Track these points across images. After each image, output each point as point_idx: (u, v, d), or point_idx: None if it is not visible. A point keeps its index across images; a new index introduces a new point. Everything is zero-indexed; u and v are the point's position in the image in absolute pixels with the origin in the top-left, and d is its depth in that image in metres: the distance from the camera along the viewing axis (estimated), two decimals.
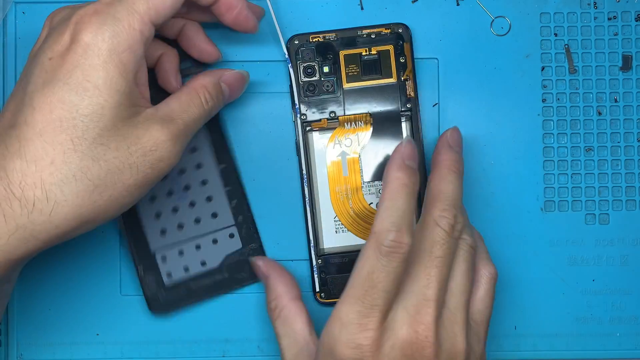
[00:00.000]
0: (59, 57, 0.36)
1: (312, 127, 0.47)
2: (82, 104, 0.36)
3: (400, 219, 0.38)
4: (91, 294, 0.48)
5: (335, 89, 0.47)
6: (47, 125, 0.35)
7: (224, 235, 0.47)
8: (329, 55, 0.47)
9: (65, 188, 0.35)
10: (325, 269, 0.47)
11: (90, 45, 0.36)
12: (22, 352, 0.48)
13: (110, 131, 0.36)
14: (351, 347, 0.38)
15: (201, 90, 0.41)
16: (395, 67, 0.47)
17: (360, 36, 0.47)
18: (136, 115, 0.38)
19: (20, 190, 0.35)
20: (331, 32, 0.47)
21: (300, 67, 0.47)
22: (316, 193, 0.47)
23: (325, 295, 0.47)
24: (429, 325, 0.38)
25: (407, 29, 0.47)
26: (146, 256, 0.46)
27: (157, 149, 0.38)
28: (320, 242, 0.47)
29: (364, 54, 0.47)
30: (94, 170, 0.36)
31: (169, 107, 0.40)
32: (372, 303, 0.38)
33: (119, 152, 0.37)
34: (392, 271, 0.38)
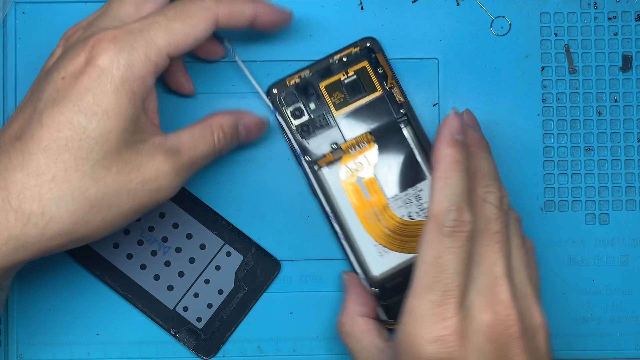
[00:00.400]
0: (71, 77, 0.37)
1: (320, 165, 0.47)
2: (90, 127, 0.36)
3: (459, 197, 0.37)
4: (91, 294, 0.48)
5: (328, 121, 0.47)
6: (52, 143, 0.36)
7: (222, 257, 0.47)
8: (310, 91, 0.47)
9: (61, 205, 0.36)
10: (384, 295, 0.46)
11: (104, 71, 0.36)
12: (22, 352, 0.48)
13: (114, 155, 0.37)
14: (432, 341, 0.36)
15: (217, 128, 0.41)
16: (377, 80, 0.47)
17: (333, 63, 0.47)
18: (142, 142, 0.38)
19: (18, 202, 0.35)
20: (304, 70, 0.47)
21: (287, 112, 0.46)
22: (347, 226, 0.47)
23: (395, 320, 0.46)
24: (508, 302, 0.37)
25: (374, 40, 0.47)
26: (170, 317, 0.47)
27: (158, 179, 0.38)
28: (369, 272, 0.46)
29: (343, 79, 0.47)
30: (92, 191, 0.36)
31: (179, 138, 0.39)
32: (445, 289, 0.36)
33: (119, 176, 0.37)
34: (460, 251, 0.37)
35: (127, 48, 0.37)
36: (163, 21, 0.38)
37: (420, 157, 0.47)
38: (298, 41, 0.48)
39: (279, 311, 0.48)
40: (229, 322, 0.48)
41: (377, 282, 0.46)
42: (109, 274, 0.47)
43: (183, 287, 0.47)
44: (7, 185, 0.35)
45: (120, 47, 0.36)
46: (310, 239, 0.48)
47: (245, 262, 0.48)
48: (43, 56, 0.47)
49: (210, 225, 0.48)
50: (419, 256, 0.38)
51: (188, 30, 0.38)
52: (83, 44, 0.37)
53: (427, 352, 0.36)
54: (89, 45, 0.37)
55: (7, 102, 0.47)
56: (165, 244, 0.48)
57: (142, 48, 0.37)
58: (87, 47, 0.37)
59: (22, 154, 0.36)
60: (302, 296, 0.48)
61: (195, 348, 0.47)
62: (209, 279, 0.48)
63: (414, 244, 0.46)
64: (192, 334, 0.47)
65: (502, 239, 0.38)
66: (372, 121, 0.47)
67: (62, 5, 0.47)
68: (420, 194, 0.46)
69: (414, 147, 0.47)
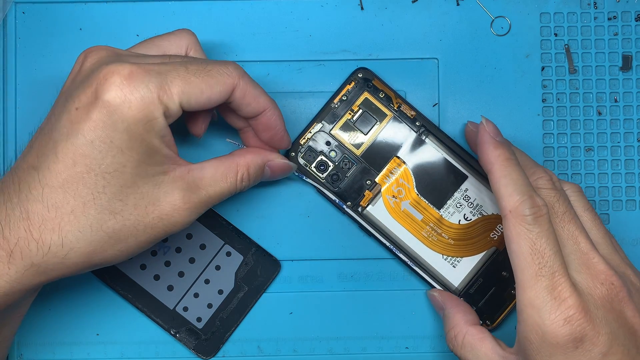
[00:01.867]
0: (84, 109, 0.36)
1: (363, 206, 0.47)
2: (105, 162, 0.36)
3: (525, 187, 0.39)
4: (91, 294, 0.48)
5: (353, 162, 0.47)
6: (70, 177, 0.36)
7: (222, 257, 0.47)
8: (326, 142, 0.47)
9: (80, 237, 0.37)
10: (472, 301, 0.47)
11: (116, 109, 0.36)
12: (22, 352, 0.48)
13: (130, 188, 0.37)
14: (563, 324, 0.38)
15: (242, 168, 0.41)
16: (383, 105, 0.47)
17: (335, 107, 0.47)
18: (161, 174, 0.38)
19: (39, 234, 0.36)
20: (312, 125, 0.47)
21: (312, 169, 0.47)
22: (412, 252, 0.47)
23: (490, 321, 0.47)
24: (606, 271, 0.39)
25: (366, 69, 0.47)
26: (170, 317, 0.47)
27: (174, 214, 0.38)
28: (450, 286, 0.47)
29: (350, 117, 0.47)
30: (110, 223, 0.37)
31: (202, 173, 0.39)
32: (552, 271, 0.38)
33: (136, 210, 0.37)
34: (549, 233, 0.39)
35: (142, 88, 0.36)
36: (183, 71, 0.38)
37: (453, 159, 0.47)
38: (298, 41, 0.48)
39: (279, 311, 0.48)
40: (229, 322, 0.48)
41: (460, 292, 0.47)
42: (109, 274, 0.47)
43: (183, 287, 0.48)
44: (29, 216, 0.36)
45: (134, 87, 0.36)
46: (310, 239, 0.48)
47: (245, 262, 0.48)
48: (43, 56, 0.47)
49: (210, 225, 0.48)
50: (513, 252, 0.39)
51: (204, 88, 0.38)
52: (97, 73, 0.37)
53: (562, 335, 0.38)
54: (101, 76, 0.36)
55: (7, 102, 0.47)
56: (165, 244, 0.48)
57: (155, 90, 0.36)
58: (99, 78, 0.36)
59: (41, 186, 0.36)
60: (302, 296, 0.48)
61: (195, 348, 0.47)
62: (209, 279, 0.48)
63: (481, 243, 0.47)
64: (192, 334, 0.47)
65: (571, 216, 0.41)
66: (395, 144, 0.47)
67: (62, 5, 0.47)
68: (468, 194, 0.47)
69: (444, 153, 0.47)
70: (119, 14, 0.48)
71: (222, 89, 0.39)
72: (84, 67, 0.38)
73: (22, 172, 0.37)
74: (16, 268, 0.36)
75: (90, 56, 0.39)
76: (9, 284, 0.36)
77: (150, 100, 0.36)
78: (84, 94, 0.36)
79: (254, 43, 0.48)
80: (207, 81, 0.38)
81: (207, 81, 0.38)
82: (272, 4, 0.48)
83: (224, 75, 0.39)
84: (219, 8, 0.48)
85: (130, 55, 0.39)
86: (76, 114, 0.36)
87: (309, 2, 0.48)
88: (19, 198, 0.36)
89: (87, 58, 0.39)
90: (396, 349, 0.48)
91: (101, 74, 0.36)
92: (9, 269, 0.36)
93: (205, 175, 0.39)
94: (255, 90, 0.40)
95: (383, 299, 0.48)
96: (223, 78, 0.39)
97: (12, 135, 0.47)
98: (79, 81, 0.38)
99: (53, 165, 0.36)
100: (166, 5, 0.48)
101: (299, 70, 0.48)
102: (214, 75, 0.38)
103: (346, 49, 0.48)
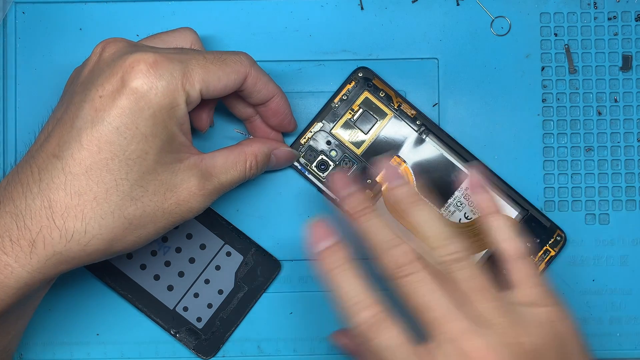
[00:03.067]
0: (109, 97, 0.37)
1: None
2: (129, 148, 0.37)
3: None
4: (91, 294, 0.48)
5: (353, 161, 0.47)
6: (94, 164, 0.37)
7: (222, 257, 0.47)
8: (326, 141, 0.47)
9: (102, 223, 0.37)
10: None
11: (143, 95, 0.37)
12: (22, 352, 0.48)
13: (151, 175, 0.38)
14: None
15: (250, 156, 0.42)
16: (383, 105, 0.47)
17: (336, 106, 0.47)
18: (178, 162, 0.39)
19: (62, 221, 0.37)
20: (312, 124, 0.47)
21: (313, 169, 0.47)
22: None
23: None
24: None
25: (366, 69, 0.47)
26: (170, 317, 0.47)
27: (190, 200, 0.39)
28: None
29: (351, 117, 0.47)
30: (131, 209, 0.38)
31: (213, 161, 0.41)
32: None
33: (156, 196, 0.38)
34: None
35: (167, 75, 0.37)
36: (202, 60, 0.39)
37: (453, 158, 0.47)
38: (298, 41, 0.48)
39: (279, 311, 0.48)
40: (229, 322, 0.48)
41: None
42: (109, 274, 0.47)
43: (183, 287, 0.47)
44: (51, 204, 0.37)
45: (160, 74, 0.37)
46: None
47: (245, 262, 0.48)
48: (43, 56, 0.47)
49: (210, 225, 0.48)
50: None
51: (221, 75, 0.40)
52: (121, 61, 0.38)
53: None
54: (128, 64, 0.37)
55: (7, 102, 0.47)
56: (165, 244, 0.48)
57: (179, 77, 0.38)
58: (125, 66, 0.37)
59: (64, 174, 0.37)
60: (302, 296, 0.48)
61: (195, 348, 0.47)
62: (209, 279, 0.48)
63: (481, 242, 0.47)
64: (192, 334, 0.47)
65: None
66: (395, 143, 0.47)
67: (62, 5, 0.47)
68: (468, 193, 0.47)
69: (444, 151, 0.47)
70: (119, 14, 0.48)
71: (237, 77, 0.41)
72: (104, 57, 0.39)
73: (42, 161, 0.37)
74: (38, 257, 0.37)
75: (109, 47, 0.39)
76: (30, 274, 0.37)
77: (175, 87, 0.38)
78: (108, 82, 0.37)
79: (254, 43, 0.48)
80: (224, 69, 0.40)
81: (224, 69, 0.40)
82: (272, 4, 0.48)
83: (238, 64, 0.41)
84: (219, 8, 0.48)
85: (147, 45, 0.40)
86: (100, 102, 0.37)
87: (309, 2, 0.48)
88: (40, 187, 0.37)
89: (105, 49, 0.40)
90: None
91: (127, 62, 0.37)
92: (31, 259, 0.36)
93: (217, 163, 0.41)
94: (265, 77, 0.42)
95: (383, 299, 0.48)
96: (237, 66, 0.40)
97: (12, 135, 0.47)
98: (99, 70, 0.38)
99: (77, 153, 0.37)
100: (166, 5, 0.48)
101: (299, 70, 0.48)
102: (229, 63, 0.40)
103: (346, 49, 0.48)
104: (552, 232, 0.47)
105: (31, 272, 0.37)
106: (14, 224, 0.36)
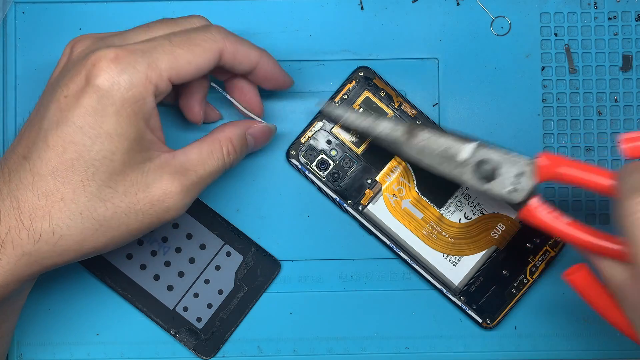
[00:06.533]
0: (73, 96, 0.37)
1: (364, 204, 0.47)
2: (94, 148, 0.36)
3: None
4: (91, 294, 0.48)
5: (354, 160, 0.47)
6: (59, 165, 0.36)
7: (222, 257, 0.47)
8: (327, 140, 0.47)
9: (71, 224, 0.37)
10: (472, 300, 0.47)
11: (105, 92, 0.36)
12: (22, 352, 0.48)
13: (120, 176, 0.37)
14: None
15: (225, 142, 0.41)
16: (384, 104, 0.47)
17: (336, 106, 0.47)
18: (148, 160, 0.38)
19: (30, 221, 0.36)
20: (313, 123, 0.47)
21: (313, 168, 0.47)
22: (412, 251, 0.47)
23: (490, 320, 0.47)
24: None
25: (367, 68, 0.47)
26: (170, 317, 0.47)
27: (166, 199, 0.38)
28: (450, 283, 0.47)
29: None
30: (100, 211, 0.37)
31: (187, 156, 0.39)
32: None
33: (126, 197, 0.37)
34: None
35: (129, 69, 0.37)
36: (167, 45, 0.38)
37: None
38: (298, 41, 0.48)
39: (279, 311, 0.48)
40: (229, 322, 0.48)
41: (460, 290, 0.47)
42: (109, 274, 0.47)
43: (183, 287, 0.47)
44: (20, 205, 0.36)
45: (122, 69, 0.36)
46: (310, 239, 0.48)
47: (245, 262, 0.48)
48: (43, 56, 0.47)
49: (210, 225, 0.48)
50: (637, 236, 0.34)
51: (191, 58, 0.38)
52: (84, 61, 0.37)
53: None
54: (89, 63, 0.37)
55: (7, 102, 0.47)
56: (165, 244, 0.48)
57: (143, 70, 0.37)
58: (88, 65, 0.37)
59: (32, 175, 0.37)
60: (302, 296, 0.48)
61: (195, 348, 0.47)
62: (209, 279, 0.48)
63: (481, 242, 0.47)
64: (192, 334, 0.47)
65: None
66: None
67: (62, 5, 0.47)
68: (468, 192, 0.47)
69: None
70: (119, 14, 0.48)
71: (209, 56, 0.39)
72: (72, 57, 0.39)
73: (12, 162, 0.37)
74: (7, 258, 0.36)
75: (76, 46, 0.39)
76: (1, 275, 0.36)
77: (139, 80, 0.37)
78: (73, 82, 0.37)
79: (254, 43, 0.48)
80: (193, 50, 0.38)
81: (193, 50, 0.38)
82: (272, 4, 0.48)
83: (209, 42, 0.39)
84: (219, 8, 0.48)
85: (115, 37, 0.39)
86: (65, 102, 0.37)
87: (309, 2, 0.48)
88: (9, 188, 0.37)
89: (73, 48, 0.39)
90: (396, 349, 0.48)
91: (89, 60, 0.37)
92: (1, 260, 0.36)
93: (191, 157, 0.39)
94: (244, 47, 0.41)
95: (383, 299, 0.48)
96: (208, 44, 0.39)
97: (12, 134, 0.47)
98: (66, 70, 0.38)
99: (43, 154, 0.36)
100: (166, 5, 0.48)
101: (299, 70, 0.48)
102: (198, 43, 0.39)
103: (346, 49, 0.48)
104: None
105: (2, 274, 0.36)
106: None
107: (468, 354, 0.48)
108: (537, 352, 0.48)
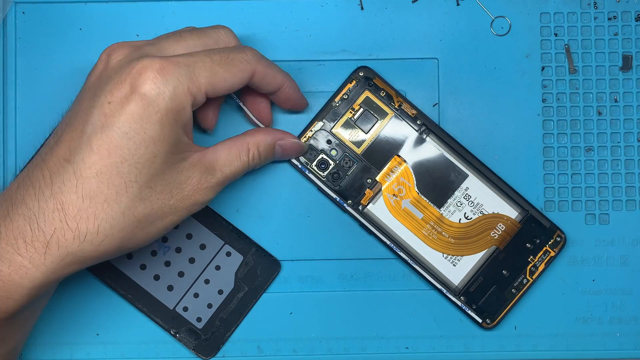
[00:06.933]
0: (118, 103, 0.38)
1: (364, 204, 0.47)
2: (138, 152, 0.38)
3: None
4: (91, 294, 0.48)
5: (354, 160, 0.47)
6: (104, 168, 0.38)
7: (222, 257, 0.48)
8: (327, 140, 0.47)
9: (114, 223, 0.39)
10: (472, 300, 0.47)
11: (151, 101, 0.38)
12: (22, 352, 0.48)
13: (159, 176, 0.39)
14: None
15: (253, 147, 0.43)
16: (384, 104, 0.47)
17: (336, 105, 0.47)
18: (183, 160, 0.40)
19: (75, 223, 0.38)
20: (313, 123, 0.47)
21: (313, 168, 0.47)
22: (412, 250, 0.47)
23: (490, 320, 0.47)
24: None
25: (367, 68, 0.47)
26: (170, 317, 0.47)
27: (195, 195, 0.41)
28: (450, 284, 0.47)
29: (351, 116, 0.47)
30: (140, 209, 0.39)
31: (216, 155, 0.42)
32: None
33: (163, 195, 0.40)
34: None
35: (173, 80, 0.39)
36: (208, 62, 0.40)
37: (453, 158, 0.47)
38: (298, 41, 0.48)
39: (279, 311, 0.48)
40: (229, 322, 0.48)
41: (461, 290, 0.47)
42: (109, 274, 0.47)
43: (183, 287, 0.47)
44: (64, 207, 0.38)
45: (167, 79, 0.38)
46: (310, 239, 0.48)
47: (245, 262, 0.48)
48: (43, 56, 0.47)
49: (210, 225, 0.48)
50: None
51: (228, 77, 0.41)
52: (129, 68, 0.39)
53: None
54: (135, 71, 0.38)
55: (7, 102, 0.47)
56: (165, 244, 0.48)
57: (185, 82, 0.39)
58: (134, 73, 0.38)
59: (76, 178, 0.38)
60: (302, 296, 0.48)
61: (195, 348, 0.47)
62: (209, 279, 0.48)
63: (481, 242, 0.47)
64: (192, 334, 0.47)
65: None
66: (396, 143, 0.47)
67: (62, 5, 0.48)
68: (468, 193, 0.47)
69: (445, 151, 0.47)
70: (119, 14, 0.48)
71: (243, 76, 0.42)
72: (111, 64, 0.40)
73: (53, 165, 0.38)
74: (52, 258, 0.38)
75: (115, 53, 0.41)
76: (44, 275, 0.38)
77: (181, 91, 0.39)
78: (117, 89, 0.38)
79: (254, 43, 0.48)
80: (230, 70, 0.41)
81: (230, 70, 0.41)
82: (272, 4, 0.48)
83: (244, 63, 0.41)
84: (219, 8, 0.48)
85: (151, 46, 0.41)
86: (109, 108, 0.38)
87: (309, 2, 0.48)
88: (52, 190, 0.38)
89: (111, 55, 0.41)
90: (396, 349, 0.48)
91: (135, 69, 0.38)
92: (45, 260, 0.38)
93: (220, 157, 0.42)
94: (272, 70, 0.43)
95: (383, 299, 0.48)
96: (243, 65, 0.41)
97: (12, 134, 0.47)
98: (107, 77, 0.39)
99: (87, 157, 0.38)
100: (166, 5, 0.48)
101: (299, 70, 0.48)
102: (236, 63, 0.41)
103: (346, 49, 0.48)
104: (552, 232, 0.47)
105: (45, 273, 0.38)
106: (27, 226, 0.38)
107: (468, 354, 0.48)
108: (537, 352, 0.48)
